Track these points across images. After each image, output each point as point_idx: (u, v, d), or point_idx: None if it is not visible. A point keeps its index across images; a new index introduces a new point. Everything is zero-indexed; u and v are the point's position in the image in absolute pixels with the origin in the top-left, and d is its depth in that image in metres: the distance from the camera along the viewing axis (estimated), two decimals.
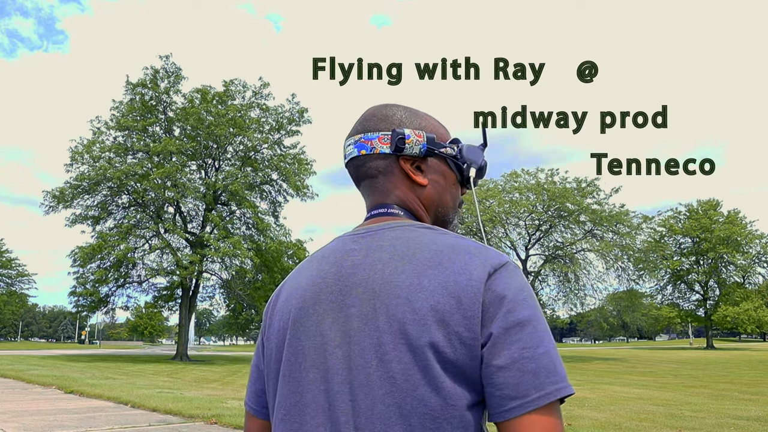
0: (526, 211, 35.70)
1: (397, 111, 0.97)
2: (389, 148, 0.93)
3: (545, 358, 0.75)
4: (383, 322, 0.79)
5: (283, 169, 31.29)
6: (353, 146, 0.96)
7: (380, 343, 0.78)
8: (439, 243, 0.84)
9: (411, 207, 0.95)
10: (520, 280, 0.81)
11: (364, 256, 0.86)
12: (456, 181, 1.00)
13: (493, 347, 0.75)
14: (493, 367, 0.74)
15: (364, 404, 0.78)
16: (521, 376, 0.73)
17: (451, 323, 0.76)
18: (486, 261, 0.80)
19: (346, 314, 0.83)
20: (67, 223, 30.22)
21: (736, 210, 56.01)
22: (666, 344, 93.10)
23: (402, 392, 0.76)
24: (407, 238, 0.86)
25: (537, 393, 0.73)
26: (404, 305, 0.78)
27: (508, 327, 0.75)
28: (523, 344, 0.75)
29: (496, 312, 0.76)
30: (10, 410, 9.30)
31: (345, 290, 0.85)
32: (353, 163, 0.97)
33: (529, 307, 0.78)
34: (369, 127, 0.96)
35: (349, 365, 0.80)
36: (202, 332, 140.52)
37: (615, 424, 8.36)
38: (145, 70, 30.01)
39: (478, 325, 0.76)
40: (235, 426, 7.95)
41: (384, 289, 0.81)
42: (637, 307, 51.82)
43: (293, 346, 0.87)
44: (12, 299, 66.96)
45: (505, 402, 0.74)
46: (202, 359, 32.79)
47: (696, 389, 14.62)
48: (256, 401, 0.98)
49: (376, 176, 0.95)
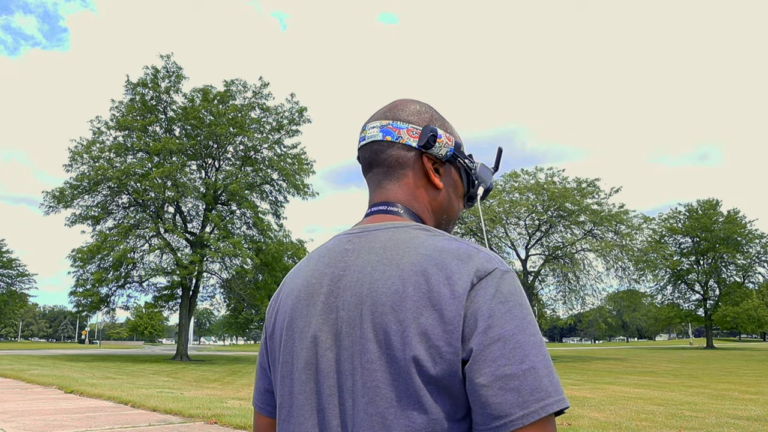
0: (527, 211, 35.68)
1: (429, 110, 0.97)
2: (416, 142, 0.92)
3: (530, 375, 0.70)
4: (368, 329, 0.78)
5: (283, 169, 31.30)
6: (378, 129, 0.94)
7: (365, 350, 0.77)
8: (429, 246, 0.80)
9: (417, 207, 0.93)
10: (507, 288, 0.76)
11: (356, 257, 0.85)
12: (463, 194, 1.00)
13: (474, 364, 0.72)
14: (476, 385, 0.71)
15: (351, 410, 0.77)
16: (503, 395, 0.70)
17: (433, 337, 0.73)
18: (472, 268, 0.76)
19: (336, 317, 0.82)
20: (67, 223, 30.26)
21: (736, 210, 56.06)
22: (666, 344, 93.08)
23: (386, 402, 0.74)
24: (399, 240, 0.83)
25: (521, 411, 0.69)
26: (389, 314, 0.76)
27: (489, 343, 0.72)
28: (506, 360, 0.71)
29: (476, 326, 0.73)
30: (10, 410, 9.30)
31: (336, 292, 0.84)
32: (372, 147, 0.94)
33: (514, 318, 0.73)
34: (399, 116, 0.94)
35: (338, 369, 0.80)
36: (202, 332, 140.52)
37: (615, 424, 8.35)
38: (145, 69, 30.05)
39: (459, 340, 0.73)
40: (235, 426, 7.94)
41: (370, 295, 0.79)
42: (638, 307, 51.80)
43: (289, 346, 0.87)
44: (12, 299, 66.90)
45: (488, 421, 0.71)
46: (202, 359, 32.78)
47: (696, 389, 14.61)
48: (261, 399, 0.99)
49: (393, 166, 0.93)
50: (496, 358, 0.71)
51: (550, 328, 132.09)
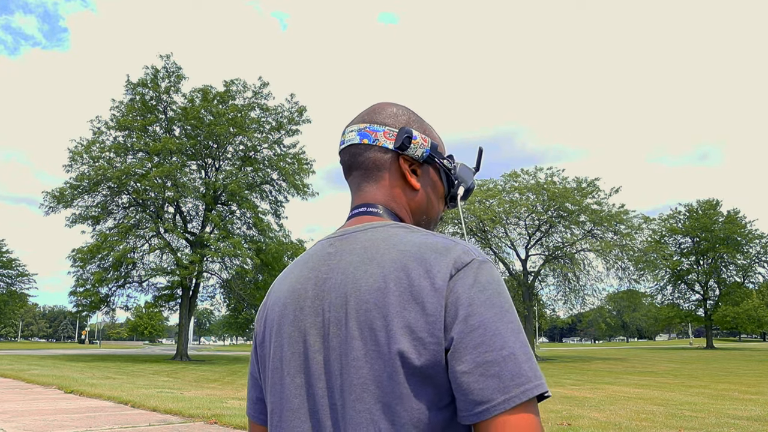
0: (527, 210, 35.67)
1: (407, 112, 0.98)
2: (392, 144, 0.93)
3: (509, 361, 0.72)
4: (353, 327, 0.79)
5: (282, 169, 31.30)
6: (356, 133, 0.95)
7: (351, 348, 0.79)
8: (408, 242, 0.82)
9: (395, 208, 0.94)
10: (486, 278, 0.78)
11: (339, 260, 0.86)
12: (443, 195, 1.01)
13: (455, 352, 0.74)
14: (457, 372, 0.73)
15: (341, 409, 0.79)
16: (485, 381, 0.72)
17: (416, 329, 0.75)
18: (450, 260, 0.78)
19: (323, 319, 0.84)
20: (67, 223, 30.26)
21: (736, 210, 56.05)
22: (666, 344, 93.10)
23: (373, 398, 0.76)
24: (378, 239, 0.85)
25: (502, 396, 0.71)
26: (373, 311, 0.78)
27: (469, 330, 0.74)
28: (486, 347, 0.73)
29: (456, 315, 0.75)
30: (10, 410, 9.30)
31: (321, 295, 0.85)
32: (350, 150, 0.96)
33: (493, 306, 0.75)
34: (376, 119, 0.95)
35: (327, 370, 0.81)
36: (202, 332, 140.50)
37: (615, 424, 8.35)
38: (145, 69, 30.06)
39: (441, 330, 0.75)
40: (235, 426, 7.94)
41: (353, 294, 0.81)
42: (638, 307, 51.80)
43: (278, 352, 0.88)
44: (12, 299, 66.89)
45: (471, 407, 0.73)
46: (202, 359, 32.78)
47: (696, 389, 14.61)
48: (254, 408, 1.00)
49: (371, 168, 0.94)
50: (476, 345, 0.73)
51: (550, 328, 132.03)
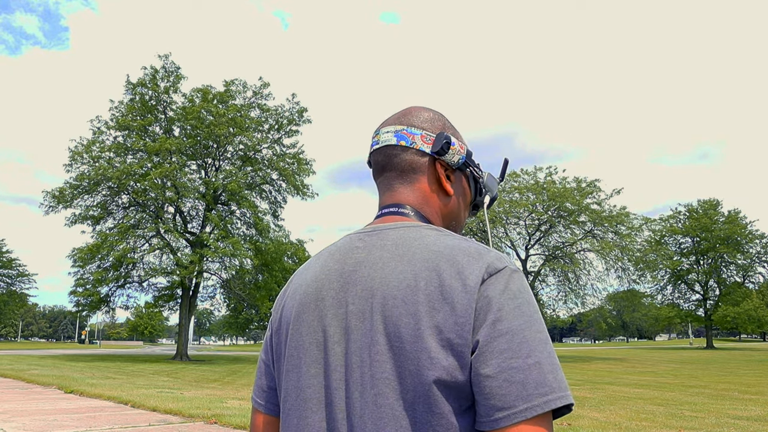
0: (526, 210, 35.69)
1: (442, 118, 1.00)
2: (430, 149, 0.94)
3: (535, 369, 0.72)
4: (378, 322, 0.79)
5: (282, 169, 31.30)
6: (392, 134, 0.96)
7: (375, 342, 0.78)
8: (440, 244, 0.83)
9: (427, 211, 0.95)
10: (517, 286, 0.78)
11: (367, 254, 0.86)
12: (470, 202, 1.03)
13: (481, 355, 0.73)
14: (481, 376, 0.73)
15: (357, 403, 0.78)
16: (508, 387, 0.71)
17: (444, 330, 0.75)
18: (483, 265, 0.78)
19: (345, 311, 0.84)
20: (67, 223, 30.24)
21: (736, 210, 56.09)
22: (666, 344, 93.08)
23: (395, 394, 0.76)
24: (410, 238, 0.85)
25: (524, 404, 0.71)
26: (400, 307, 0.78)
27: (497, 335, 0.74)
28: (512, 353, 0.73)
29: (485, 318, 0.75)
30: (10, 410, 9.29)
31: (346, 287, 0.85)
32: (386, 151, 0.96)
33: (522, 315, 0.76)
34: (414, 122, 0.96)
35: (346, 362, 0.81)
36: (202, 332, 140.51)
37: (615, 424, 8.35)
38: (144, 69, 30.04)
39: (469, 332, 0.74)
40: (235, 426, 7.94)
41: (381, 288, 0.81)
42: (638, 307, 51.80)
43: (295, 340, 0.88)
44: (12, 299, 66.91)
45: (492, 412, 0.72)
46: (202, 359, 32.78)
47: (696, 389, 14.61)
48: (260, 395, 0.99)
49: (406, 170, 0.95)
50: (502, 351, 0.73)
51: (550, 328, 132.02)
